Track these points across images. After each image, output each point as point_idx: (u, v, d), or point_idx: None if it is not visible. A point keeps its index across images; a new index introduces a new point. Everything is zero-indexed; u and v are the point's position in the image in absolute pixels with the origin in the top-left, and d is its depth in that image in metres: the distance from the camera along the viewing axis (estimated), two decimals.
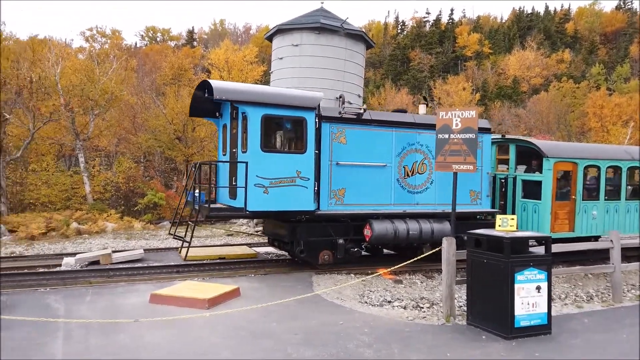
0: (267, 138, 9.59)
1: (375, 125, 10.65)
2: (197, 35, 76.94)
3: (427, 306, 8.28)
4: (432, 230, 10.63)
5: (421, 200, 11.12)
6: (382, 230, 10.15)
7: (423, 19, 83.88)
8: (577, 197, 11.89)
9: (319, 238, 10.18)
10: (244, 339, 6.11)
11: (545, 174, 11.55)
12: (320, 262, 10.17)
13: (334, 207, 10.20)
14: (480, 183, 11.65)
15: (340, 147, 10.24)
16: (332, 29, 19.20)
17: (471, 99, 50.09)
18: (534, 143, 12.03)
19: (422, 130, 11.10)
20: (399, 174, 10.86)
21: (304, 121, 9.66)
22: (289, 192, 9.46)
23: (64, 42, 37.19)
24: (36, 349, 5.64)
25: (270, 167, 9.33)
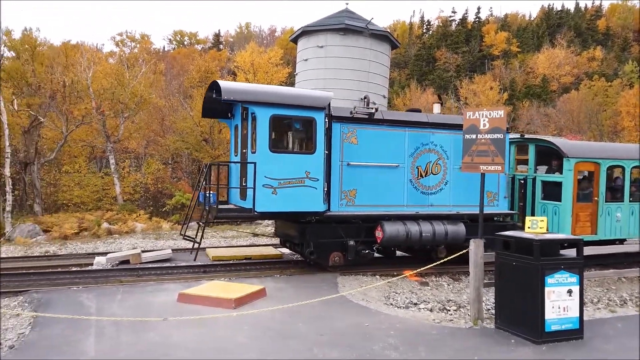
0: (275, 138, 9.53)
1: (387, 125, 10.50)
2: (223, 39, 77.90)
3: (454, 309, 8.18)
4: (445, 232, 10.42)
5: (435, 202, 10.92)
6: (393, 232, 10.00)
7: (449, 18, 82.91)
8: (599, 199, 11.50)
9: (330, 239, 10.08)
10: (270, 339, 6.16)
11: (565, 174, 11.20)
12: (330, 263, 10.06)
13: (345, 208, 10.10)
14: (497, 184, 11.36)
15: (351, 147, 10.13)
16: (357, 29, 19.17)
17: (499, 98, 49.25)
18: (553, 143, 11.70)
19: (436, 129, 10.91)
20: (412, 174, 10.68)
21: (313, 121, 9.54)
22: (298, 193, 9.36)
23: (95, 47, 38.18)
24: (70, 346, 5.81)
25: (278, 168, 9.26)
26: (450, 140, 11.00)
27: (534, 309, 6.25)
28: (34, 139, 22.04)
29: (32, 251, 14.57)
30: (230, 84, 9.97)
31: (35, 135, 21.91)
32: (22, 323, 6.73)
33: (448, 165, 11.00)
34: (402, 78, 65.64)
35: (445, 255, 11.08)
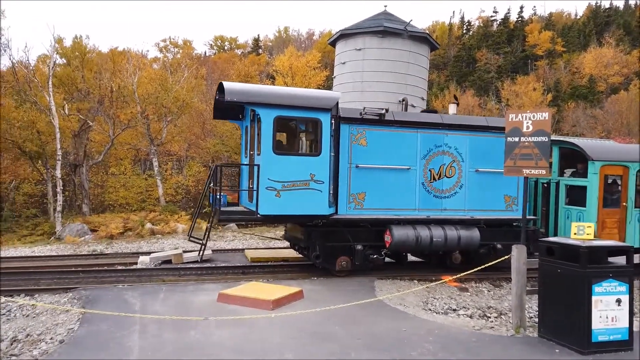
0: (280, 140, 9.42)
1: (398, 127, 10.23)
2: (262, 43, 78.97)
3: (495, 316, 7.99)
4: (458, 237, 10.07)
5: (449, 206, 10.58)
6: (402, 237, 9.75)
7: (490, 18, 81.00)
8: (628, 204, 10.88)
9: (337, 243, 9.90)
10: (307, 341, 6.20)
11: (590, 178, 10.66)
12: (337, 268, 9.92)
13: (353, 212, 9.91)
14: (516, 187, 10.89)
15: (360, 149, 9.94)
16: (395, 32, 19.06)
17: (542, 99, 47.74)
18: (578, 145, 11.20)
19: (451, 131, 10.57)
20: (425, 177, 10.39)
21: (318, 122, 9.36)
22: (302, 195, 9.19)
23: (140, 53, 39.51)
24: (116, 342, 6.04)
25: (282, 170, 9.11)
26: (465, 141, 10.67)
27: (580, 318, 6.02)
28: (83, 142, 23.04)
29: (80, 250, 15.22)
30: (234, 85, 9.89)
31: (85, 139, 22.90)
32: (71, 319, 7.03)
33: (463, 168, 10.64)
34: (441, 80, 64.65)
35: (460, 261, 10.82)
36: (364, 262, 9.97)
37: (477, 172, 10.65)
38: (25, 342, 6.32)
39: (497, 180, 10.62)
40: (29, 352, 5.93)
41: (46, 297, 8.44)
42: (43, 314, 7.54)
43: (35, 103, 23.08)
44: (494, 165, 10.64)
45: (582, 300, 6.01)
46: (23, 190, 27.70)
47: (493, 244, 10.64)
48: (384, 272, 10.56)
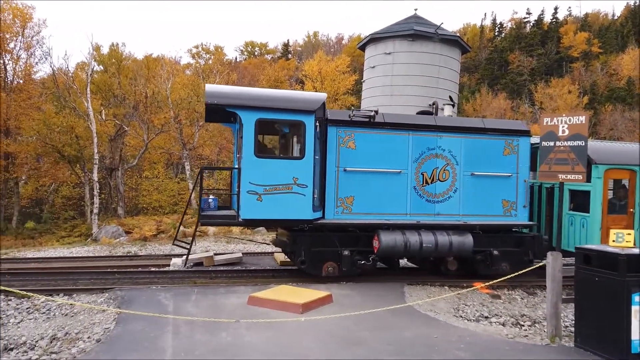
0: (262, 143, 9.21)
1: (388, 129, 9.97)
2: (292, 48, 79.60)
3: (529, 324, 7.80)
4: (450, 243, 9.74)
5: (442, 210, 10.23)
6: (390, 242, 9.47)
7: (523, 19, 79.41)
8: (636, 210, 10.31)
9: (323, 248, 9.69)
10: (337, 345, 6.20)
11: (594, 182, 10.12)
12: (324, 274, 9.70)
13: (341, 216, 9.70)
14: (515, 192, 10.50)
15: (348, 152, 9.71)
16: (425, 35, 18.93)
17: (578, 102, 46.45)
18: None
19: (445, 133, 10.24)
20: (417, 181, 10.08)
21: (302, 125, 9.12)
22: (284, 199, 8.99)
23: (174, 60, 40.43)
24: (150, 342, 6.18)
25: (264, 174, 8.93)
26: (460, 144, 10.31)
27: (619, 328, 5.82)
28: (119, 147, 23.74)
29: (115, 251, 15.66)
30: (216, 88, 9.78)
31: (120, 143, 23.60)
32: (107, 318, 7.23)
33: (458, 171, 10.28)
34: (472, 83, 63.75)
35: (455, 267, 10.49)
36: (351, 268, 9.76)
37: (472, 176, 10.29)
38: (64, 340, 6.54)
39: (494, 184, 10.33)
40: (67, 350, 6.13)
41: (84, 297, 8.71)
42: (81, 313, 7.78)
43: (74, 109, 23.93)
44: (491, 169, 10.36)
45: (620, 310, 5.81)
46: (62, 193, 28.73)
47: (490, 250, 10.29)
48: (414, 277, 10.46)
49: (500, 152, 10.43)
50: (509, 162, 10.46)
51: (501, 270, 10.27)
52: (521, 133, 10.63)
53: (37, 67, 30.28)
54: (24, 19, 28.30)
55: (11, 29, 27.93)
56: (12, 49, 28.13)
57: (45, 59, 30.12)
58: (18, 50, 28.45)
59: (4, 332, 6.97)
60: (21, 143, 27.29)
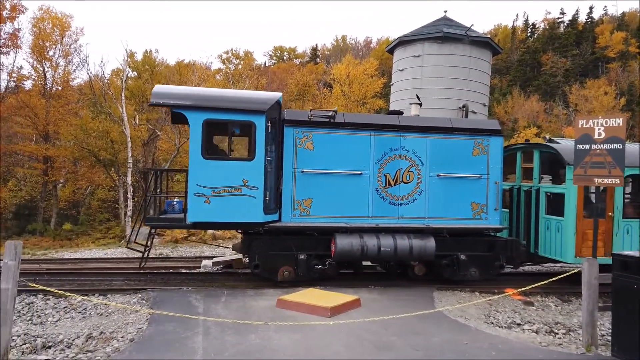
0: (209, 144, 9.06)
1: (348, 129, 9.70)
2: (320, 52, 79.91)
3: (563, 332, 7.60)
4: (410, 247, 9.40)
5: (407, 213, 9.91)
6: (346, 246, 9.21)
7: (557, 19, 77.46)
8: (615, 214, 9.79)
9: (279, 252, 9.44)
10: (365, 350, 6.18)
11: (568, 185, 9.67)
12: (279, 279, 9.45)
13: (298, 219, 9.49)
14: (485, 194, 10.09)
15: (306, 153, 9.50)
16: (455, 37, 18.73)
17: (614, 104, 44.98)
18: (554, 148, 10.27)
19: (409, 133, 9.91)
20: (379, 183, 9.77)
21: (252, 126, 8.89)
22: (233, 202, 8.76)
23: (204, 65, 41.18)
24: (181, 343, 6.30)
25: (212, 175, 8.72)
26: (425, 144, 9.99)
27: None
28: (152, 151, 24.32)
29: None
30: (162, 88, 9.61)
31: (153, 147, 24.17)
32: (140, 318, 7.41)
33: (423, 172, 9.96)
34: (503, 85, 62.56)
35: (423, 272, 10.10)
36: (308, 273, 9.49)
37: (439, 177, 9.99)
38: (99, 339, 6.74)
39: (462, 186, 10.01)
40: (102, 349, 6.31)
41: (118, 297, 8.95)
42: (115, 313, 8.00)
43: (110, 114, 24.64)
44: (459, 170, 10.03)
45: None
46: (97, 195, 29.61)
47: (456, 254, 9.91)
48: (444, 283, 10.33)
49: (469, 153, 10.10)
50: (478, 163, 10.11)
51: (469, 276, 9.94)
52: (492, 133, 10.23)
53: (74, 74, 31.39)
54: (63, 28, 29.39)
55: (50, 37, 29.03)
56: (52, 56, 29.24)
57: (82, 66, 31.11)
58: (57, 58, 29.56)
59: (42, 330, 7.23)
60: (59, 147, 28.31)
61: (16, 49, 28.11)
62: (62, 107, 28.53)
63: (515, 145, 11.86)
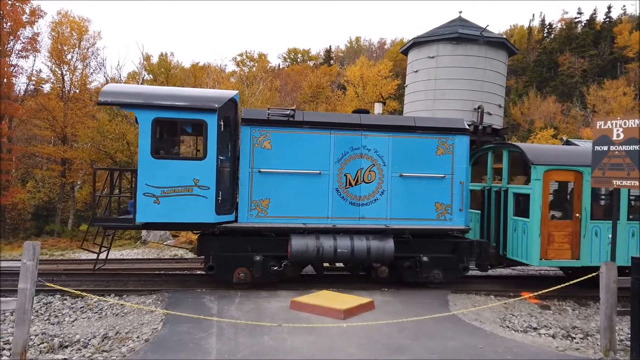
0: (159, 143, 8.88)
1: (308, 128, 9.52)
2: (334, 54, 79.93)
3: (581, 337, 7.48)
4: (368, 248, 9.23)
5: (368, 214, 9.70)
6: (301, 247, 9.07)
7: (574, 19, 76.46)
8: (582, 215, 9.53)
9: (234, 254, 9.27)
10: (379, 352, 6.15)
11: (533, 185, 9.43)
12: (235, 280, 9.26)
13: (255, 220, 9.32)
14: (449, 194, 9.86)
15: (263, 152, 9.33)
16: (470, 38, 18.56)
17: (634, 105, 44.19)
18: (519, 147, 10.02)
19: (370, 132, 9.71)
20: (339, 183, 9.58)
21: (203, 124, 8.76)
22: (184, 202, 8.61)
23: (219, 68, 41.51)
24: (195, 343, 6.34)
25: (162, 175, 8.57)
26: (387, 144, 9.78)
27: None
28: None
29: (163, 254, 16.17)
30: (111, 87, 9.42)
31: None
32: (155, 319, 7.48)
33: (385, 172, 9.75)
34: (519, 86, 61.92)
35: (386, 274, 9.85)
36: (264, 275, 9.32)
37: (401, 177, 9.77)
38: (114, 339, 6.81)
39: (426, 187, 9.81)
40: (118, 349, 6.38)
41: (133, 297, 9.05)
42: (130, 313, 8.08)
43: (126, 117, 24.93)
44: (422, 170, 9.82)
45: None
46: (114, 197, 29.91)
47: (419, 256, 9.73)
48: (458, 286, 10.24)
49: (433, 152, 9.89)
50: (442, 162, 9.89)
51: (432, 278, 9.73)
52: (457, 131, 10.00)
53: (92, 77, 31.85)
54: (80, 32, 29.87)
55: (69, 41, 29.52)
56: (70, 60, 29.73)
57: (99, 69, 31.56)
58: (75, 61, 30.04)
59: (59, 330, 7.34)
60: (77, 149, 28.76)
61: (35, 52, 28.63)
62: (79, 110, 29.00)
63: (486, 145, 11.64)
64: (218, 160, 8.87)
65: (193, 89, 11.45)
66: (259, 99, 25.36)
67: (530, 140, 38.42)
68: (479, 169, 11.75)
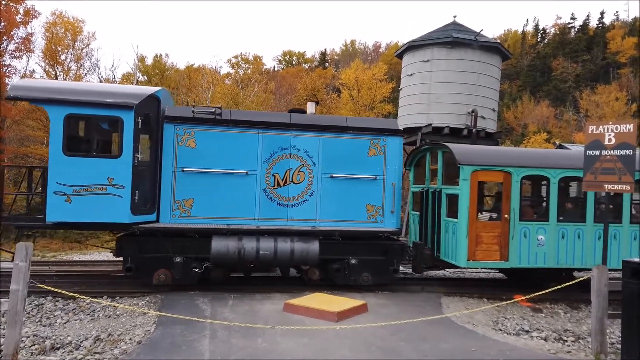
0: (72, 140, 8.62)
1: (234, 127, 9.35)
2: (329, 57, 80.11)
3: (572, 340, 7.53)
4: (291, 250, 9.12)
5: (297, 215, 9.55)
6: (222, 249, 8.94)
7: (567, 24, 77.14)
8: (511, 216, 9.46)
9: (154, 255, 9.07)
10: (372, 355, 6.16)
11: (461, 185, 9.38)
12: (154, 282, 9.07)
13: (178, 220, 9.14)
14: (381, 196, 9.76)
15: (187, 151, 9.15)
16: (464, 42, 18.70)
17: (626, 110, 44.62)
18: (447, 147, 9.99)
19: (300, 132, 9.58)
20: (267, 183, 9.44)
21: (119, 121, 8.49)
22: (97, 201, 8.34)
23: (214, 69, 41.49)
24: (187, 345, 6.32)
25: (74, 173, 8.30)
26: (318, 144, 9.66)
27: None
28: None
29: None
30: (22, 82, 9.22)
31: None
32: (147, 321, 7.45)
33: (315, 173, 9.62)
34: (513, 90, 62.33)
35: (317, 277, 9.76)
36: (186, 277, 9.15)
37: (332, 178, 9.64)
38: (107, 341, 6.77)
39: (357, 188, 9.68)
40: (110, 351, 6.34)
41: (126, 299, 9.00)
42: (123, 315, 8.04)
43: None
44: (353, 171, 9.70)
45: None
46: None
47: (347, 258, 9.60)
48: (452, 288, 10.28)
49: (365, 153, 9.77)
50: (374, 163, 9.78)
51: (361, 281, 9.62)
52: (390, 132, 9.88)
53: (86, 78, 31.72)
54: (75, 32, 29.78)
55: (62, 41, 29.42)
56: (63, 60, 29.62)
57: (93, 70, 31.44)
58: (69, 62, 29.93)
59: (51, 332, 7.29)
60: None
61: (29, 53, 28.50)
62: None
63: (424, 146, 11.63)
64: (135, 158, 8.60)
65: (111, 85, 11.20)
66: (253, 101, 25.37)
67: (523, 144, 38.65)
68: (421, 171, 11.71)
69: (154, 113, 9.11)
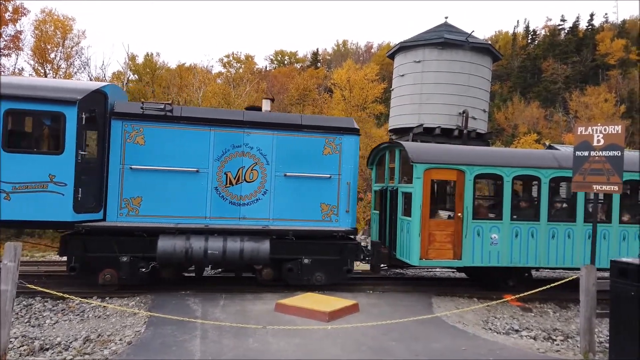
0: (13, 135, 8.42)
1: (185, 124, 9.22)
2: (321, 57, 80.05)
3: (561, 339, 7.60)
4: (241, 250, 8.95)
5: (249, 214, 9.45)
6: (168, 248, 8.75)
7: (557, 26, 77.71)
8: (464, 215, 9.43)
9: (100, 254, 8.87)
10: (364, 355, 6.17)
11: (414, 183, 9.35)
12: (100, 282, 8.89)
13: (126, 219, 8.98)
14: (336, 195, 9.68)
15: (136, 148, 9.00)
16: (456, 43, 18.82)
17: (615, 111, 45.11)
18: (402, 145, 10.00)
19: (253, 130, 9.48)
20: (219, 181, 9.33)
21: (62, 117, 8.33)
22: (38, 199, 8.18)
23: (205, 69, 41.33)
24: (178, 346, 6.29)
25: (14, 170, 8.13)
26: (271, 142, 9.58)
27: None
28: None
29: None
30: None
31: None
32: (138, 322, 7.40)
33: (268, 171, 9.55)
34: (504, 91, 62.75)
35: (271, 277, 9.63)
36: (132, 276, 9.00)
37: (286, 177, 9.57)
38: (96, 342, 6.72)
39: (312, 187, 9.62)
40: (100, 352, 6.30)
41: (116, 300, 8.93)
42: (113, 316, 7.99)
43: None
44: (307, 170, 9.63)
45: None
46: None
47: (300, 258, 9.49)
48: (443, 288, 10.33)
49: (320, 152, 9.71)
50: (329, 162, 9.71)
51: (314, 281, 9.54)
52: (345, 131, 9.81)
53: (76, 77, 31.45)
54: (65, 31, 29.52)
55: (52, 40, 29.15)
56: (53, 59, 29.35)
57: (83, 68, 31.18)
58: (58, 60, 29.67)
59: (40, 333, 7.23)
60: None
61: (18, 50, 28.21)
62: None
63: (384, 144, 11.62)
64: (78, 155, 8.46)
65: (54, 80, 10.93)
66: (245, 101, 25.30)
67: (514, 145, 38.93)
68: (383, 170, 11.71)
69: (100, 109, 8.93)
